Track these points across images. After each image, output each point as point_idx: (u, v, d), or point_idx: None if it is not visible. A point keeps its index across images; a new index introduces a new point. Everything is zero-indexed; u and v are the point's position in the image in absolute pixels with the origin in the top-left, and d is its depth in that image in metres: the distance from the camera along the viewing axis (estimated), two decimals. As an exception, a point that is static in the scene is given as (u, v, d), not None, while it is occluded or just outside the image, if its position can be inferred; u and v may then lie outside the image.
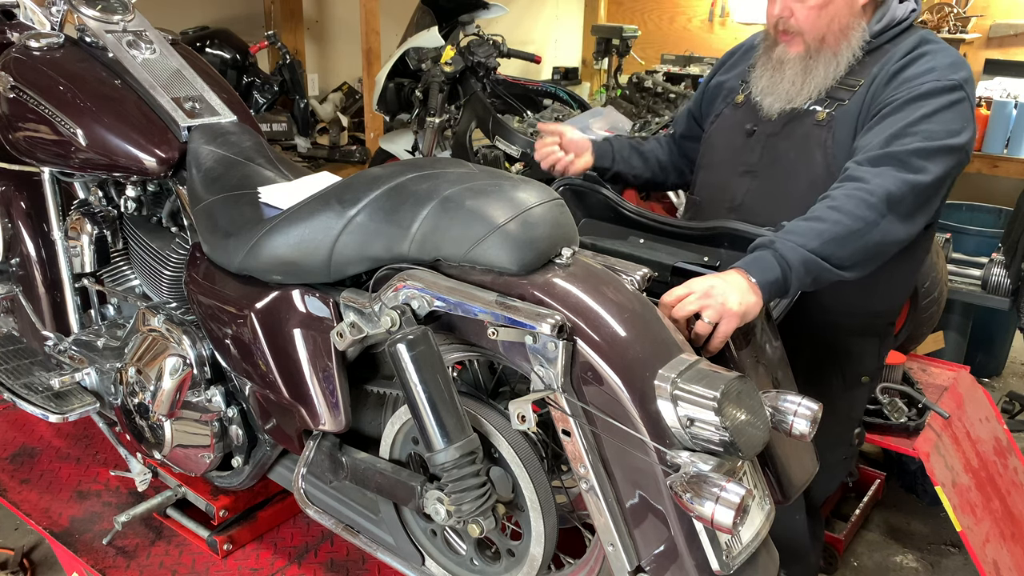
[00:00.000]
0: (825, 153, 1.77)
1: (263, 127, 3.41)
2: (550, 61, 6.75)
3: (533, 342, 1.23)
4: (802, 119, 1.81)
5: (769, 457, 1.42)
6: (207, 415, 1.78)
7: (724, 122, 1.98)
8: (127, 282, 2.11)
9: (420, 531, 1.57)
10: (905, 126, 1.63)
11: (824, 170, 1.76)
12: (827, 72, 1.78)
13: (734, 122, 1.95)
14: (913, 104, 1.65)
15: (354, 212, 1.42)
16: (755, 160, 1.87)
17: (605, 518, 1.27)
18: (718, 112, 2.01)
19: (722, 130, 1.98)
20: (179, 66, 1.96)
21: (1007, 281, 3.33)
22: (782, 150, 1.83)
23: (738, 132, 1.92)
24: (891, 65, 1.73)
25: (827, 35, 1.76)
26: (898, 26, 1.79)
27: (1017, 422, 3.58)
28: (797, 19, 1.76)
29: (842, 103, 1.76)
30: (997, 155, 4.81)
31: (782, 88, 1.82)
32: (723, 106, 2.00)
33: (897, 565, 2.77)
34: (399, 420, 1.50)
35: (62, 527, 2.05)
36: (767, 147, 1.86)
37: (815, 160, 1.78)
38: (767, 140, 1.86)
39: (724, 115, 1.99)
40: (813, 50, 1.78)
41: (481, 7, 3.97)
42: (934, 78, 1.67)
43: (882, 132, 1.64)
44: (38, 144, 1.94)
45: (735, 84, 2.00)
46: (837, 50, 1.77)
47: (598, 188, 1.90)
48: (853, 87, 1.76)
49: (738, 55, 2.06)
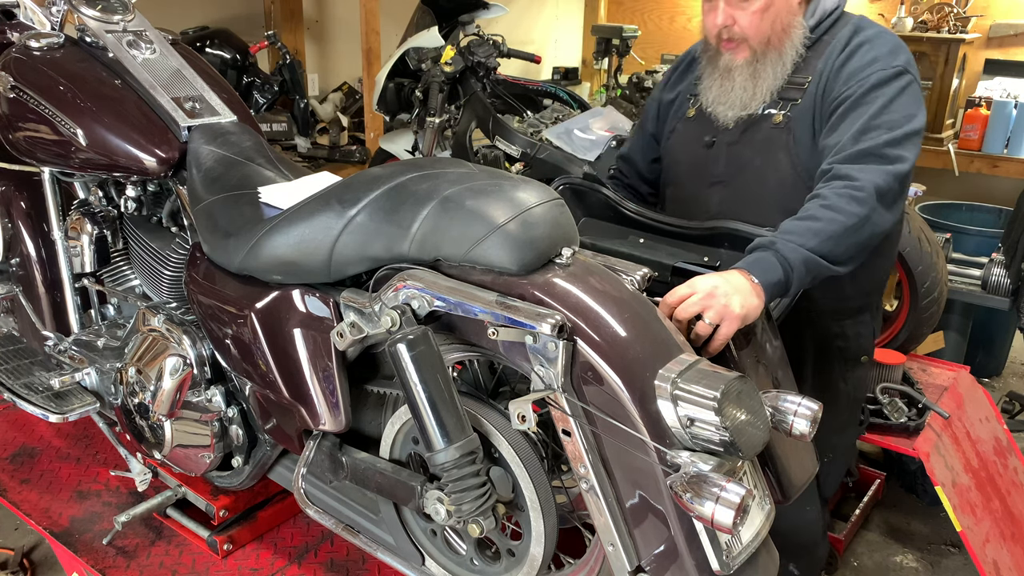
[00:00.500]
0: (789, 154, 1.79)
1: (263, 127, 3.41)
2: (550, 61, 6.75)
3: (533, 342, 1.23)
4: (759, 124, 1.83)
5: (769, 457, 1.42)
6: (207, 415, 1.78)
7: (680, 137, 2.00)
8: (127, 282, 2.11)
9: (420, 531, 1.57)
10: (868, 119, 1.66)
11: (791, 171, 1.79)
12: (775, 73, 1.79)
13: (690, 136, 1.96)
14: (868, 97, 1.69)
15: (354, 212, 1.42)
16: (721, 170, 1.89)
17: (605, 518, 1.27)
18: (672, 128, 2.02)
19: (680, 145, 1.99)
20: (179, 66, 1.96)
21: (1007, 281, 3.33)
22: (746, 157, 1.85)
23: (697, 145, 1.93)
24: (834, 59, 1.76)
25: (771, 37, 1.77)
26: (830, 16, 1.82)
27: (1017, 422, 3.58)
28: (740, 26, 1.77)
29: (795, 102, 1.79)
30: (997, 155, 4.81)
31: (734, 96, 1.83)
32: (675, 122, 2.01)
33: (897, 565, 2.77)
34: (399, 420, 1.50)
35: (62, 527, 2.05)
36: (730, 156, 1.87)
37: (780, 162, 1.80)
38: (728, 149, 1.87)
39: (678, 131, 2.00)
40: (759, 54, 1.79)
41: (481, 7, 3.97)
42: (879, 68, 1.71)
43: (847, 129, 1.67)
44: (38, 144, 1.94)
45: (683, 99, 2.01)
46: (782, 50, 1.79)
47: (598, 187, 1.91)
48: (802, 85, 1.79)
49: (679, 70, 2.06)
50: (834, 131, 1.70)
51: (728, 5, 1.75)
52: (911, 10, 5.08)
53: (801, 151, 1.78)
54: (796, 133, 1.78)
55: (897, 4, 5.12)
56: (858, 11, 1.99)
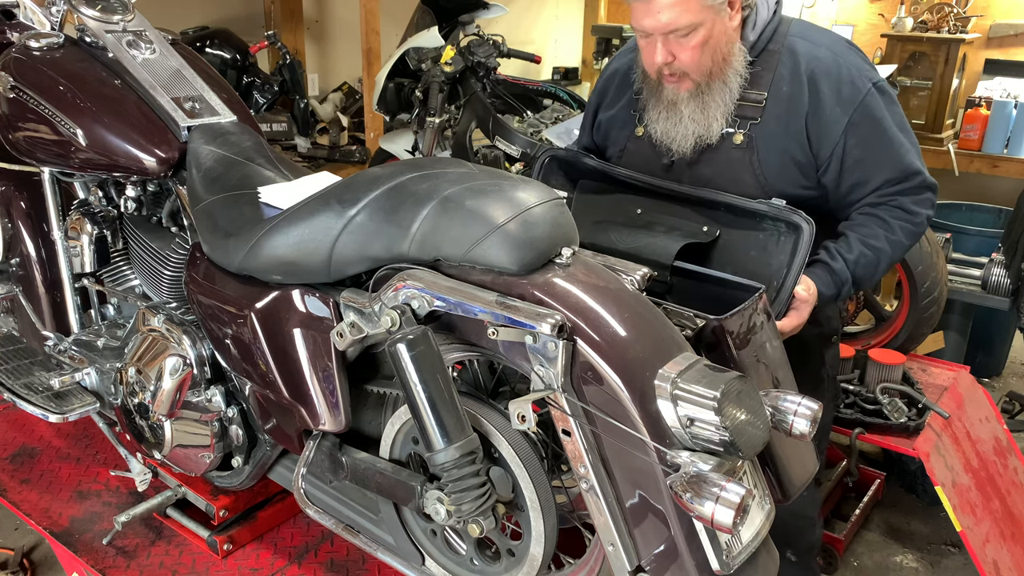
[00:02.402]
0: (754, 173, 1.77)
1: (263, 127, 3.40)
2: (550, 61, 6.75)
3: (533, 342, 1.23)
4: (719, 145, 1.80)
5: (769, 457, 1.42)
6: (207, 415, 1.78)
7: (633, 157, 1.94)
8: (127, 282, 2.11)
9: (420, 531, 1.57)
10: (899, 149, 1.75)
11: (757, 190, 1.77)
12: (723, 100, 1.76)
13: (645, 156, 1.91)
14: (879, 125, 1.74)
15: (354, 212, 1.42)
16: None
17: (605, 518, 1.27)
18: (621, 147, 1.97)
19: (635, 164, 1.93)
20: (179, 66, 1.96)
21: (1007, 281, 3.33)
22: (707, 176, 1.82)
23: (653, 165, 1.89)
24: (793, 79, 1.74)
25: (712, 69, 1.73)
26: (769, 25, 1.79)
27: (1017, 422, 3.58)
28: (680, 61, 1.72)
29: (754, 121, 1.77)
30: (997, 155, 4.81)
31: (683, 126, 1.79)
32: (624, 141, 1.96)
33: (897, 565, 2.77)
34: (399, 420, 1.50)
35: (62, 527, 2.05)
36: (691, 176, 1.84)
37: (745, 182, 1.78)
38: (689, 169, 1.84)
39: (629, 150, 1.95)
40: (704, 85, 1.76)
41: (481, 7, 3.97)
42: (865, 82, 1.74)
43: (876, 154, 1.75)
44: (38, 144, 1.94)
45: (626, 116, 1.96)
46: (725, 78, 1.75)
47: (582, 156, 1.89)
48: (758, 102, 1.76)
49: (616, 83, 2.01)
50: (860, 166, 1.75)
51: (665, 43, 1.69)
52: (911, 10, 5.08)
53: (767, 170, 1.76)
54: (760, 154, 1.76)
55: (897, 4, 5.13)
56: (857, 12, 1.99)
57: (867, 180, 1.76)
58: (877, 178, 1.75)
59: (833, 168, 1.76)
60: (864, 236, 1.75)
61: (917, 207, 1.76)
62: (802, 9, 5.43)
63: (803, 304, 1.67)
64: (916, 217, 1.76)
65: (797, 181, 1.78)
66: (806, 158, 1.77)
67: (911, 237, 1.77)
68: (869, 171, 1.75)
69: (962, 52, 4.88)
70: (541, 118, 3.63)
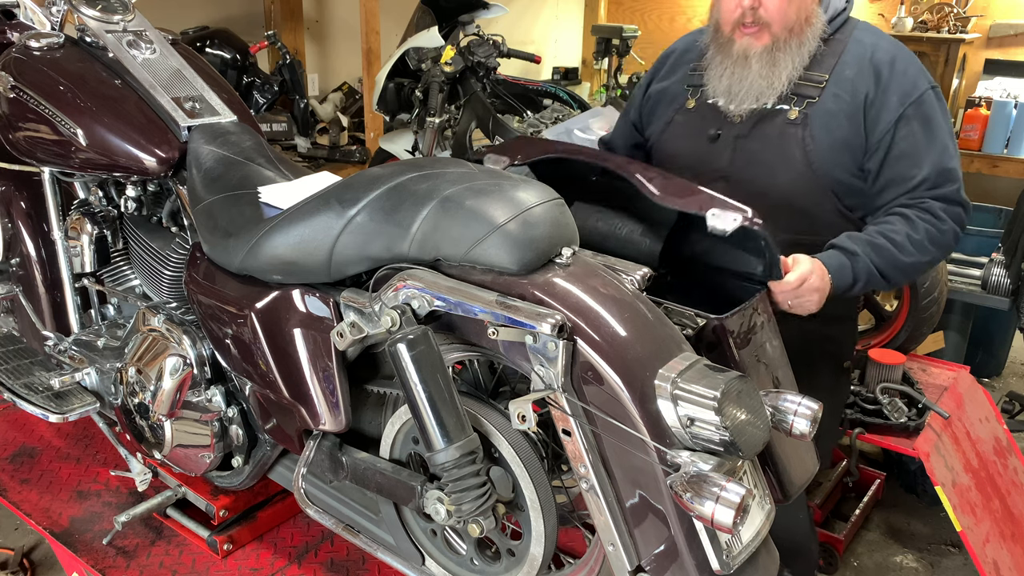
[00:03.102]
0: (805, 151, 1.76)
1: (263, 127, 3.40)
2: (550, 61, 6.75)
3: (533, 342, 1.23)
4: (772, 119, 1.79)
5: (769, 457, 1.42)
6: (207, 415, 1.78)
7: (679, 129, 1.94)
8: (127, 282, 2.11)
9: (420, 531, 1.57)
10: (943, 152, 1.73)
11: (806, 168, 1.77)
12: (794, 63, 1.76)
13: (692, 128, 1.90)
14: (930, 124, 1.73)
15: (354, 212, 1.42)
16: (725, 164, 1.84)
17: (605, 518, 1.27)
18: (668, 119, 1.96)
19: (679, 137, 1.93)
20: (179, 66, 1.96)
21: (1007, 281, 3.33)
22: (755, 151, 1.81)
23: (700, 138, 1.87)
24: (859, 65, 1.75)
25: (794, 25, 1.74)
26: (840, 15, 1.81)
27: (1017, 422, 3.58)
28: (767, 8, 1.73)
29: (811, 100, 1.76)
30: (997, 155, 4.81)
31: (749, 83, 1.78)
32: (672, 113, 1.95)
33: (897, 565, 2.77)
34: (399, 420, 1.50)
35: (62, 527, 2.05)
36: (738, 150, 1.82)
37: (794, 159, 1.77)
38: (736, 143, 1.83)
39: (677, 123, 1.94)
40: (780, 41, 1.75)
41: (481, 7, 3.98)
42: (925, 82, 1.74)
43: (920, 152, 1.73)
44: (38, 144, 1.94)
45: (679, 89, 1.95)
46: (803, 39, 1.75)
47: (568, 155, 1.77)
48: (819, 83, 1.76)
49: (672, 59, 2.01)
50: (903, 158, 1.73)
51: None
52: (911, 10, 5.09)
53: (819, 149, 1.75)
54: (815, 131, 1.75)
55: (897, 4, 5.13)
56: (858, 11, 2.01)
57: (905, 177, 1.73)
58: (916, 177, 1.73)
59: (878, 155, 1.74)
60: (883, 228, 1.71)
61: (945, 215, 1.72)
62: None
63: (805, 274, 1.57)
64: (942, 224, 1.72)
65: (846, 166, 1.77)
66: (859, 142, 1.76)
67: (934, 244, 1.71)
68: (910, 167, 1.73)
69: (962, 52, 4.89)
70: (541, 118, 3.64)
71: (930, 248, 1.71)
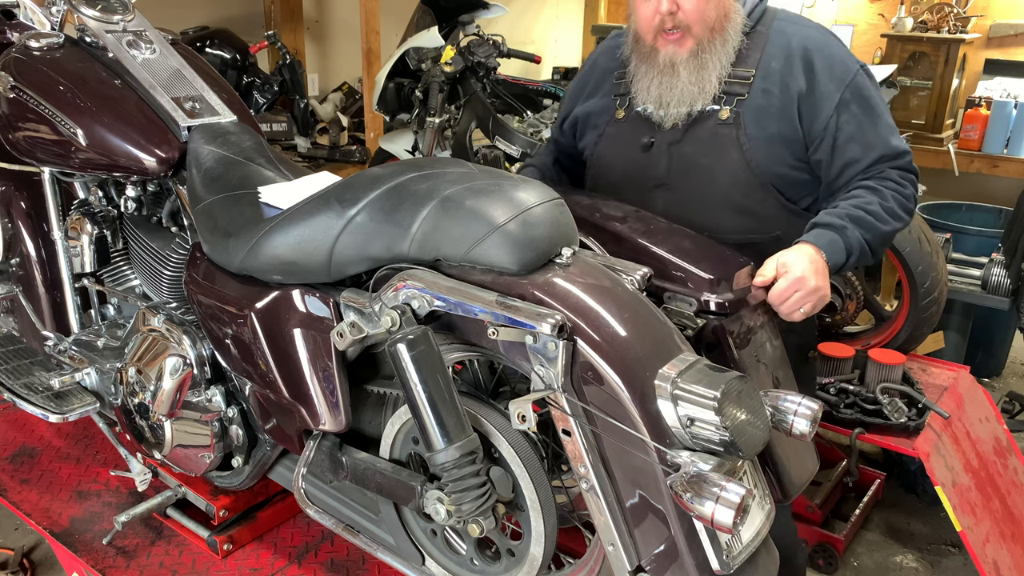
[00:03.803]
0: (741, 150, 1.75)
1: (263, 127, 3.41)
2: (550, 61, 6.75)
3: (533, 342, 1.23)
4: (703, 122, 1.77)
5: (769, 456, 1.42)
6: (207, 415, 1.78)
7: (611, 141, 1.91)
8: (127, 282, 2.11)
9: (420, 531, 1.57)
10: (887, 128, 1.75)
11: (743, 167, 1.75)
12: (721, 62, 1.74)
13: (624, 138, 1.87)
14: (868, 103, 1.74)
15: (354, 212, 1.42)
16: (662, 172, 1.82)
17: (605, 518, 1.27)
18: (600, 132, 1.94)
19: (612, 149, 1.91)
20: (179, 66, 1.96)
21: (1007, 281, 3.33)
22: (691, 157, 1.79)
23: (633, 147, 1.85)
24: (785, 56, 1.74)
25: (715, 23, 1.72)
26: (759, 6, 1.79)
27: (1017, 422, 3.58)
28: (684, 11, 1.70)
29: (741, 98, 1.74)
30: (997, 155, 4.81)
31: (679, 91, 1.75)
32: (603, 126, 1.93)
33: (897, 565, 2.77)
34: (399, 420, 1.50)
35: (62, 527, 2.05)
36: (673, 157, 1.80)
37: (732, 159, 1.76)
38: (670, 149, 1.81)
39: (608, 134, 1.92)
40: (705, 43, 1.73)
41: (481, 7, 3.98)
42: (854, 63, 1.75)
43: (867, 133, 1.73)
44: (38, 144, 1.94)
45: (606, 103, 1.92)
46: (725, 36, 1.73)
47: None
48: (747, 79, 1.75)
49: (596, 75, 1.98)
50: (852, 139, 1.73)
51: None
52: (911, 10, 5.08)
53: (755, 147, 1.74)
54: (747, 129, 1.74)
55: (897, 4, 5.12)
56: (857, 12, 2.01)
57: (859, 159, 1.73)
58: (869, 156, 1.73)
59: (826, 144, 1.74)
60: (855, 202, 1.69)
61: (905, 182, 1.74)
62: (802, 9, 5.43)
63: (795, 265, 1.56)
64: (905, 190, 1.73)
65: (784, 159, 1.77)
66: (795, 134, 1.75)
67: (903, 209, 1.72)
68: (861, 149, 1.73)
69: (962, 52, 4.88)
70: (541, 118, 3.64)
71: (901, 214, 1.71)
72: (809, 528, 2.72)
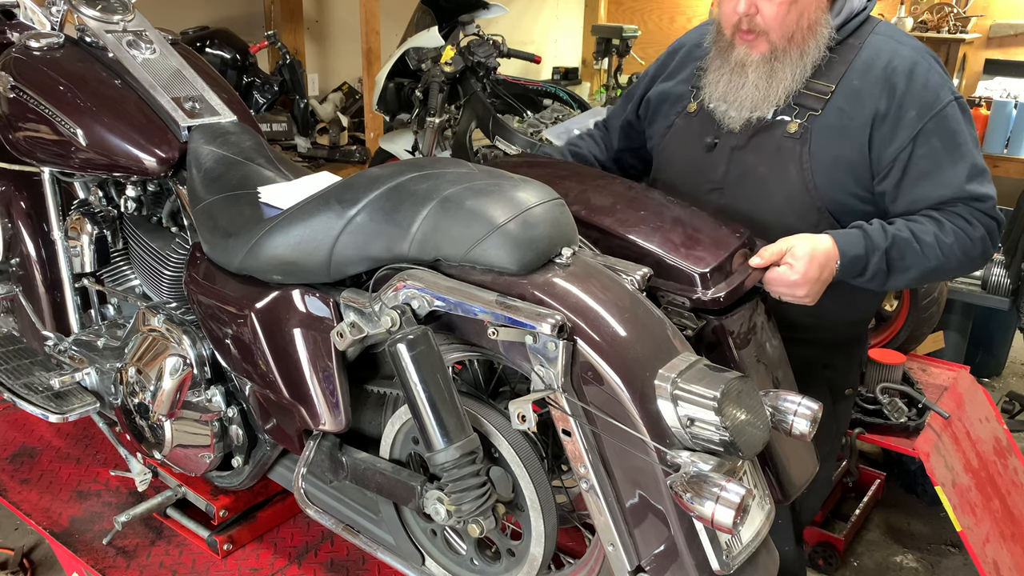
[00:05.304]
0: (801, 168, 1.65)
1: (263, 127, 3.41)
2: (550, 61, 6.76)
3: (533, 342, 1.23)
4: (771, 131, 1.68)
5: (769, 457, 1.42)
6: (207, 415, 1.78)
7: (678, 134, 1.83)
8: (127, 282, 2.11)
9: (420, 531, 1.57)
10: (970, 171, 1.62)
11: (800, 186, 1.66)
12: (794, 75, 1.64)
13: (691, 134, 1.80)
14: (954, 139, 1.61)
15: (354, 212, 1.42)
16: (719, 176, 1.75)
17: (605, 518, 1.27)
18: (669, 123, 1.86)
19: (677, 143, 1.83)
20: (179, 66, 1.96)
21: (1007, 281, 3.33)
22: (750, 165, 1.71)
23: (697, 145, 1.78)
24: (868, 75, 1.62)
25: (795, 33, 1.61)
26: (857, 17, 1.68)
27: (1017, 422, 3.58)
28: (764, 16, 1.61)
29: (814, 112, 1.65)
30: (997, 155, 4.82)
31: (744, 94, 1.67)
32: (673, 116, 1.85)
33: (897, 565, 2.77)
34: (399, 420, 1.50)
35: (62, 527, 2.05)
36: (733, 162, 1.73)
37: (790, 175, 1.66)
38: (732, 154, 1.73)
39: (677, 126, 1.84)
40: (779, 51, 1.64)
41: (481, 7, 3.98)
42: (948, 93, 1.61)
43: (944, 171, 1.61)
44: (38, 144, 1.94)
45: (683, 90, 1.84)
46: (804, 49, 1.63)
47: None
48: (823, 94, 1.64)
49: (679, 57, 1.89)
50: (926, 178, 1.60)
51: None
52: (911, 10, 5.09)
53: (817, 167, 1.64)
54: (813, 147, 1.64)
55: (897, 4, 5.13)
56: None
57: (927, 198, 1.60)
58: (939, 195, 1.60)
59: (893, 175, 1.61)
60: (911, 225, 1.58)
61: (976, 220, 1.60)
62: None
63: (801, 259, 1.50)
64: (974, 230, 1.59)
65: (846, 186, 1.66)
66: (862, 160, 1.63)
67: (962, 250, 1.58)
68: (932, 189, 1.60)
69: (962, 52, 4.89)
70: (541, 118, 3.64)
71: (958, 254, 1.58)
72: (809, 528, 2.72)
